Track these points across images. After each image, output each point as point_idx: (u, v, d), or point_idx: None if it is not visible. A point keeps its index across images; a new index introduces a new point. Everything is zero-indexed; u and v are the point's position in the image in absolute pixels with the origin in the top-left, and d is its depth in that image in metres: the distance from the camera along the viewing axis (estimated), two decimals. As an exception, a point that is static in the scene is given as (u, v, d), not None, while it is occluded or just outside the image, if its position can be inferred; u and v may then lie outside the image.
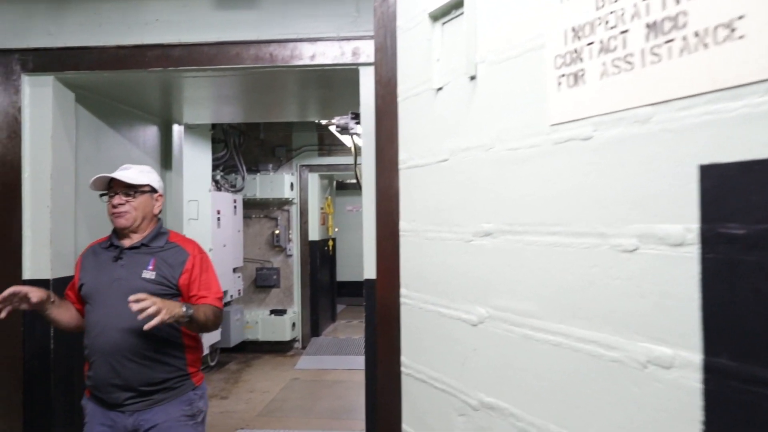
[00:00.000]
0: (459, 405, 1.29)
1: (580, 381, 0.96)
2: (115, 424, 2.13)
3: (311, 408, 5.08)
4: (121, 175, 2.19)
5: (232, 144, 6.58)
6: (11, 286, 1.99)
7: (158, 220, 2.29)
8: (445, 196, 1.35)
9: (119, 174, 2.19)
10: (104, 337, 2.08)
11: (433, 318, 1.38)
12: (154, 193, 2.27)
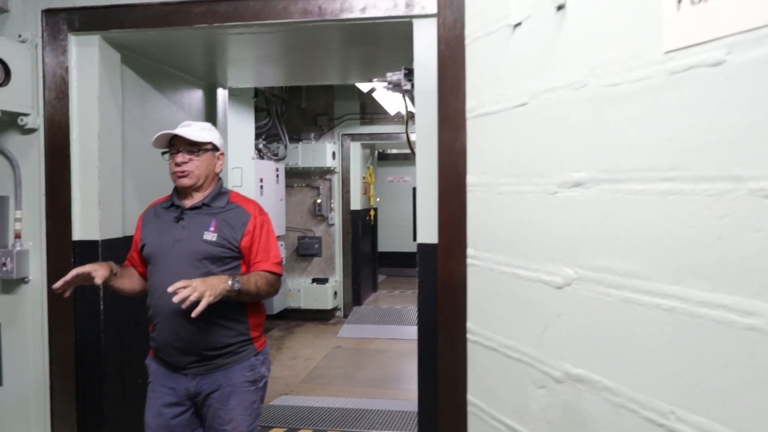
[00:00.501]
0: (538, 376, 1.17)
1: (701, 352, 0.82)
2: (177, 386, 2.10)
3: (354, 376, 5.06)
4: (185, 132, 2.10)
5: (275, 112, 6.51)
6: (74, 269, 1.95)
7: (219, 180, 2.21)
8: (523, 145, 1.21)
9: (183, 131, 2.10)
10: (166, 300, 2.02)
11: (507, 281, 1.25)
12: (215, 151, 2.18)
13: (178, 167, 2.09)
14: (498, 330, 1.29)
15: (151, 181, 2.92)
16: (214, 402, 2.08)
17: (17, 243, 2.47)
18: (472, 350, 1.39)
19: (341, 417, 3.96)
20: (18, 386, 2.51)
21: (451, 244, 1.47)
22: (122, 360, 2.64)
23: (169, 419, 2.10)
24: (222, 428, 2.09)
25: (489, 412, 1.32)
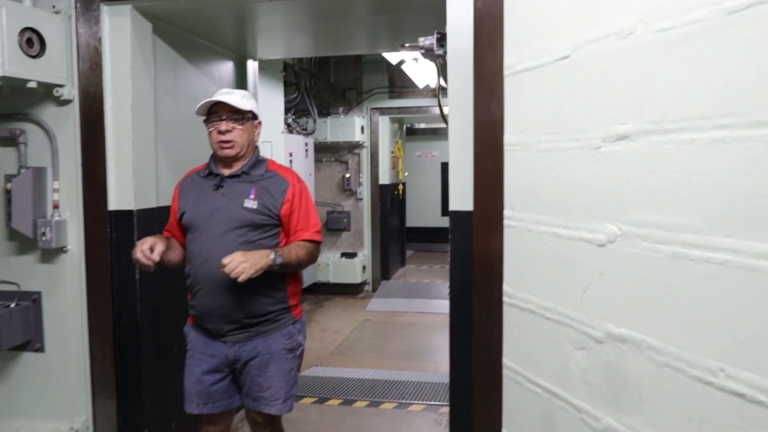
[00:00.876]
0: (578, 338, 1.14)
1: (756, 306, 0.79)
2: (217, 354, 2.13)
3: (383, 348, 5.09)
4: (229, 99, 2.09)
5: (304, 87, 6.48)
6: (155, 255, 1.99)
7: (256, 148, 2.22)
8: (563, 100, 1.17)
9: (227, 98, 2.09)
10: (207, 267, 2.05)
11: (546, 240, 1.22)
12: (255, 119, 2.18)
13: (222, 136, 2.08)
14: (536, 292, 1.27)
15: (183, 151, 2.94)
16: (253, 369, 2.11)
17: (55, 213, 2.51)
18: (509, 313, 1.37)
19: (370, 388, 4.00)
20: (60, 353, 2.58)
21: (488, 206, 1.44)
22: (157, 328, 2.70)
23: (208, 386, 2.14)
24: (260, 395, 2.12)
25: (525, 375, 1.30)
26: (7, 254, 2.58)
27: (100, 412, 2.56)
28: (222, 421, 2.23)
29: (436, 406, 3.66)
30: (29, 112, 2.52)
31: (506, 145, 1.36)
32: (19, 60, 2.26)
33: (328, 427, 3.38)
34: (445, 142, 9.62)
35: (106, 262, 2.51)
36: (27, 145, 2.53)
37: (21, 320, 2.52)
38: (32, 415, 2.60)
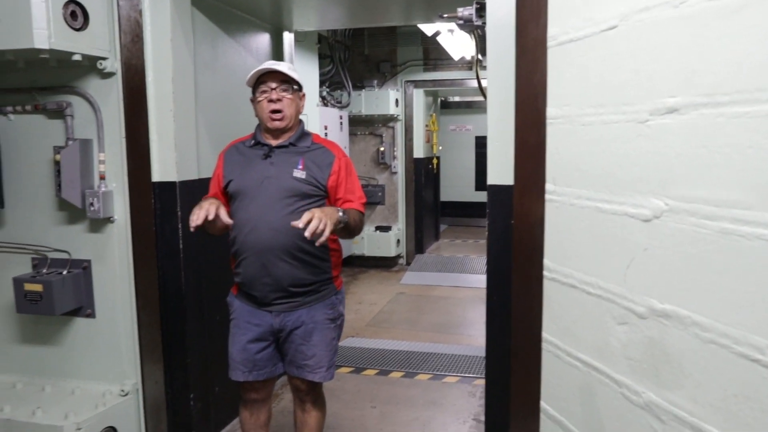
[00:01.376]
0: (619, 312, 1.14)
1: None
2: (262, 323, 2.19)
3: (417, 321, 5.14)
4: (281, 66, 2.12)
5: (338, 59, 6.46)
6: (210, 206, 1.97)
7: (301, 121, 2.24)
8: (610, 72, 1.14)
9: (279, 66, 2.12)
10: (256, 235, 2.10)
11: (589, 215, 1.21)
12: (300, 91, 2.21)
13: (273, 104, 2.11)
14: (577, 266, 1.26)
15: (221, 123, 2.99)
16: (297, 338, 2.17)
17: (102, 184, 2.59)
18: (549, 288, 1.36)
19: (405, 359, 4.06)
20: (109, 319, 2.69)
21: (529, 181, 1.43)
22: (201, 297, 2.78)
23: (253, 354, 2.20)
24: (304, 363, 2.18)
25: (565, 349, 1.31)
26: (58, 223, 2.69)
27: (148, 375, 2.67)
28: (265, 387, 2.31)
29: (470, 378, 3.70)
30: (75, 84, 2.59)
31: (549, 119, 1.34)
32: (64, 33, 2.31)
33: (364, 396, 3.45)
34: (479, 116, 9.56)
35: (151, 232, 2.59)
36: (73, 118, 2.60)
37: (73, 287, 2.63)
38: (86, 377, 2.74)
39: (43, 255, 2.71)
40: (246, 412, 2.35)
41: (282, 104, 2.13)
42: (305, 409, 2.34)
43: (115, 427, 2.59)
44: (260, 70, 2.14)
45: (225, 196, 2.26)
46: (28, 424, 2.43)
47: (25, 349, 2.82)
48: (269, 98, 2.13)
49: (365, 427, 3.08)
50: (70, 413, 2.45)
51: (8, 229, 2.76)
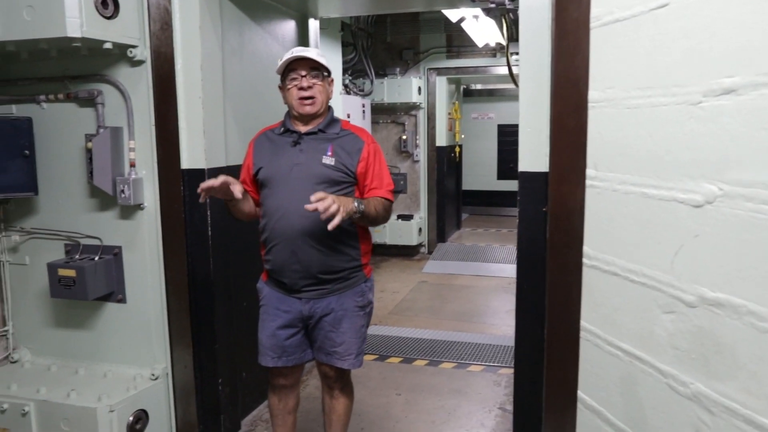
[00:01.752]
0: (666, 301, 1.11)
1: None
2: (291, 309, 2.19)
3: (440, 309, 5.13)
4: (311, 53, 2.10)
5: (361, 47, 6.42)
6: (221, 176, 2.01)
7: (330, 107, 2.23)
8: (659, 52, 1.10)
9: (308, 53, 2.11)
10: (286, 222, 2.10)
11: (634, 201, 1.18)
12: (329, 77, 2.20)
13: (304, 92, 2.10)
14: (620, 254, 1.23)
15: (249, 111, 2.99)
16: (326, 325, 2.17)
17: (132, 171, 2.61)
18: (589, 276, 1.34)
19: (429, 347, 4.05)
20: (140, 304, 2.73)
21: (568, 166, 1.40)
22: (228, 283, 2.80)
23: (282, 340, 2.21)
24: (333, 350, 2.18)
25: (605, 338, 1.28)
26: (90, 210, 2.72)
27: (177, 360, 2.70)
28: (293, 373, 2.32)
29: (494, 367, 3.68)
30: (105, 73, 2.61)
31: (591, 102, 1.30)
32: (96, 21, 2.32)
33: (389, 383, 3.46)
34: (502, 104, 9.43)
35: (180, 219, 2.61)
36: (104, 106, 2.62)
37: (104, 273, 2.66)
38: (117, 361, 2.78)
39: (76, 241, 2.75)
40: (275, 397, 2.37)
41: (312, 91, 2.12)
42: (333, 396, 2.35)
43: (145, 409, 2.62)
44: (289, 57, 2.13)
45: (255, 184, 2.26)
46: (64, 405, 2.48)
47: (59, 332, 2.87)
48: (299, 86, 2.12)
49: (391, 414, 3.09)
50: (103, 396, 2.49)
51: (42, 215, 2.80)
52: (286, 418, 2.39)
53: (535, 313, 2.22)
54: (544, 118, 2.09)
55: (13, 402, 2.54)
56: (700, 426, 1.02)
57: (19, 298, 2.92)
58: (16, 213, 2.85)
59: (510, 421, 2.89)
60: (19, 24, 2.28)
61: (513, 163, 11.08)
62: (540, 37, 2.05)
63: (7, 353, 2.94)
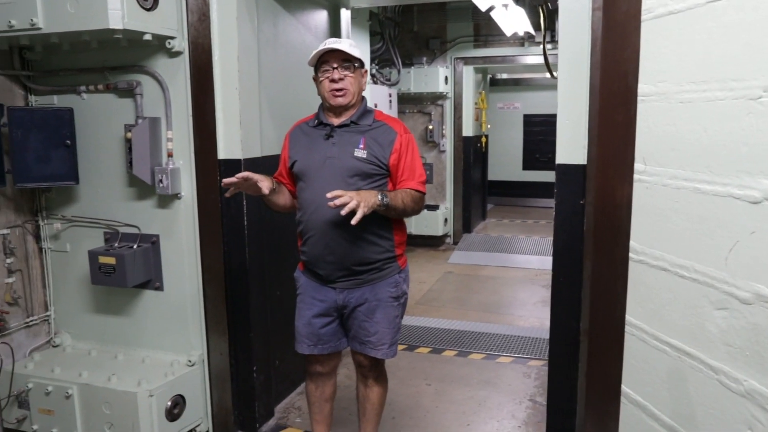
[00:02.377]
0: (718, 297, 1.10)
1: None
2: (326, 298, 2.23)
3: (467, 300, 5.13)
4: (343, 46, 2.11)
5: (388, 36, 6.39)
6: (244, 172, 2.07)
7: (363, 98, 2.24)
8: (716, 46, 1.09)
9: (339, 45, 2.11)
10: (319, 215, 2.13)
11: (685, 197, 1.17)
12: (362, 68, 2.20)
13: (335, 84, 2.11)
14: (669, 249, 1.22)
15: (283, 101, 3.01)
16: (360, 315, 2.20)
17: (170, 161, 2.66)
18: (635, 270, 1.33)
19: (457, 338, 4.07)
20: (176, 292, 2.78)
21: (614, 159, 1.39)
22: (263, 272, 2.84)
23: (317, 329, 2.25)
24: (367, 339, 2.21)
25: (652, 333, 1.28)
26: (129, 199, 2.78)
27: (213, 347, 2.76)
28: (329, 361, 2.36)
29: (524, 359, 3.68)
30: (144, 64, 2.65)
31: (640, 96, 1.29)
32: (136, 13, 2.36)
33: (418, 373, 3.49)
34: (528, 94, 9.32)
35: (217, 208, 2.65)
36: (143, 96, 2.66)
37: (143, 260, 2.72)
38: (155, 347, 2.85)
39: (115, 229, 2.81)
40: (312, 384, 2.41)
41: (344, 83, 2.12)
42: (368, 385, 2.38)
43: (183, 395, 2.69)
44: (322, 49, 2.14)
45: (291, 177, 2.28)
46: (105, 389, 2.56)
47: (98, 318, 2.95)
48: (331, 78, 2.13)
49: (421, 404, 3.11)
50: (142, 380, 2.56)
51: (82, 204, 2.87)
52: (323, 406, 2.43)
53: (570, 306, 2.22)
54: (583, 110, 2.08)
55: (57, 385, 2.63)
56: (754, 423, 1.02)
57: (60, 284, 3.00)
58: (57, 201, 2.92)
59: (541, 413, 2.90)
60: (63, 16, 2.33)
61: (539, 154, 11.00)
62: (580, 29, 2.04)
63: (49, 337, 3.03)
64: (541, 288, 5.39)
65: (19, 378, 2.70)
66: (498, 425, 2.89)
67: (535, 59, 6.81)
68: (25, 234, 2.91)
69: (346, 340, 2.30)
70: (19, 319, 2.88)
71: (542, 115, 10.03)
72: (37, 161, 2.65)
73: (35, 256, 2.97)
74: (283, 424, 2.95)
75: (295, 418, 3.00)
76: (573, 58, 2.07)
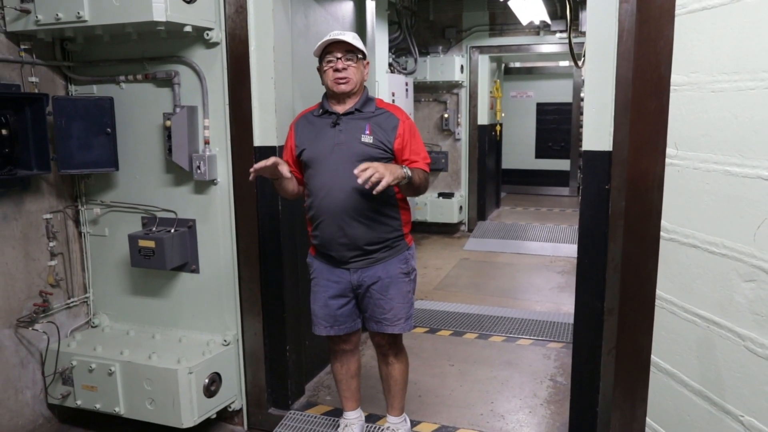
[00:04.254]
0: (747, 270, 1.20)
1: None
2: (341, 279, 2.35)
3: (484, 286, 5.24)
4: (347, 37, 2.23)
5: (405, 25, 6.45)
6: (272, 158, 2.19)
7: (365, 87, 2.35)
8: (748, 39, 1.17)
9: (344, 36, 2.23)
10: (331, 199, 2.24)
11: (716, 179, 1.26)
12: (364, 59, 2.32)
13: (338, 73, 2.22)
14: (700, 227, 1.32)
15: (313, 89, 3.09)
16: (375, 293, 2.32)
17: (207, 148, 2.77)
18: (666, 248, 1.43)
19: (477, 321, 4.18)
20: (212, 275, 2.90)
21: (646, 145, 1.48)
22: (295, 255, 2.95)
23: (334, 310, 2.37)
24: (383, 317, 2.33)
25: (682, 305, 1.38)
26: (166, 185, 2.90)
27: (248, 327, 2.88)
28: (351, 340, 2.49)
29: (543, 341, 3.79)
30: (182, 54, 2.75)
31: (673, 85, 1.38)
32: (178, 6, 2.46)
33: (441, 354, 3.60)
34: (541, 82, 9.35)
35: (252, 193, 2.76)
36: (180, 86, 2.77)
37: (180, 244, 2.84)
38: (191, 327, 2.98)
39: (152, 214, 2.93)
40: (337, 363, 2.53)
41: (347, 72, 2.24)
42: (389, 362, 2.50)
43: (219, 373, 2.81)
44: (326, 40, 2.24)
45: (297, 165, 2.39)
46: (146, 366, 2.68)
47: (135, 300, 3.08)
48: (335, 67, 2.24)
49: (446, 383, 3.23)
50: (182, 358, 2.69)
51: (120, 189, 2.99)
52: (350, 383, 2.55)
53: (594, 286, 2.32)
54: (609, 99, 2.17)
55: (100, 362, 2.76)
56: (779, 384, 1.12)
57: (98, 267, 3.13)
58: (95, 187, 3.04)
59: (562, 392, 3.02)
60: (109, 9, 2.43)
61: (551, 142, 11.03)
62: (607, 21, 2.12)
63: (87, 318, 3.16)
64: (556, 274, 5.49)
65: (63, 356, 2.84)
66: (521, 403, 3.00)
67: (551, 48, 6.86)
68: (66, 219, 3.03)
69: (361, 321, 2.42)
70: (60, 301, 3.01)
71: (555, 103, 10.08)
72: (79, 148, 2.76)
73: (75, 240, 3.10)
74: (313, 402, 3.07)
75: (325, 396, 3.12)
76: (600, 50, 2.15)
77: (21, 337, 2.80)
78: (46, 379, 2.88)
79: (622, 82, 1.98)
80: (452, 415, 2.90)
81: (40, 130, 2.65)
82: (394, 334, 2.39)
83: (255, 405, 2.96)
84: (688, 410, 1.37)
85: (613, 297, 2.14)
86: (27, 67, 2.72)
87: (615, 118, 2.12)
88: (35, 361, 2.87)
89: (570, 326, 3.91)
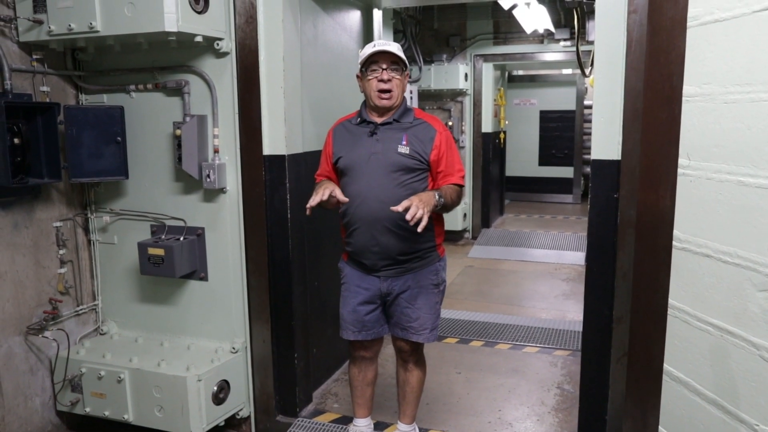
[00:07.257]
0: (760, 280, 1.20)
1: None
2: (371, 287, 2.36)
3: (489, 293, 5.24)
4: (393, 48, 2.23)
5: (410, 34, 6.50)
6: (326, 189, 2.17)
7: (404, 97, 2.36)
8: (761, 51, 1.19)
9: (390, 48, 2.24)
10: (365, 208, 2.25)
11: (729, 188, 1.27)
12: (406, 70, 2.33)
13: (384, 84, 2.22)
14: (713, 237, 1.33)
15: (322, 99, 3.13)
16: (403, 301, 2.32)
17: (216, 157, 2.79)
18: (678, 257, 1.43)
19: (483, 329, 4.18)
20: (220, 282, 2.91)
21: (657, 156, 1.50)
22: (304, 264, 2.97)
23: (362, 316, 2.38)
24: (409, 325, 2.34)
25: (695, 314, 1.38)
26: (175, 193, 2.91)
27: (256, 335, 2.89)
28: (373, 346, 2.49)
29: (549, 349, 3.79)
30: (192, 64, 2.77)
31: (685, 97, 1.39)
32: (189, 16, 2.48)
33: (448, 362, 3.60)
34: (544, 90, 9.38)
35: (261, 202, 2.78)
36: (190, 95, 2.79)
37: (189, 252, 2.85)
38: (199, 335, 2.98)
39: (161, 222, 2.95)
40: (355, 369, 2.53)
41: (392, 84, 2.24)
42: (408, 369, 2.51)
43: (227, 380, 2.82)
44: (374, 50, 2.25)
45: (334, 172, 2.40)
46: (155, 373, 2.69)
47: (143, 307, 3.09)
48: (380, 78, 2.24)
49: (453, 391, 3.23)
50: (191, 366, 2.69)
51: (129, 198, 3.01)
52: (365, 390, 2.56)
53: (603, 294, 2.33)
54: (617, 108, 2.18)
55: (110, 369, 2.77)
56: (794, 393, 1.12)
57: (107, 274, 3.14)
58: (105, 195, 3.06)
59: (569, 400, 3.02)
60: (121, 20, 2.46)
61: (555, 149, 11.01)
62: (616, 32, 2.14)
63: (96, 326, 3.17)
64: (561, 282, 5.49)
65: (72, 363, 2.85)
66: (529, 411, 3.00)
67: (555, 56, 6.89)
68: (76, 227, 3.05)
69: (387, 327, 2.43)
70: (69, 308, 3.02)
71: (558, 111, 10.10)
72: (89, 157, 2.78)
73: (84, 247, 3.11)
74: (321, 409, 3.08)
75: (332, 404, 3.13)
76: (608, 59, 2.17)
77: (31, 345, 2.81)
78: (56, 386, 2.89)
79: (631, 91, 2.00)
80: (460, 423, 2.90)
81: (52, 139, 2.67)
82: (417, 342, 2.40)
83: (263, 412, 2.96)
84: (702, 419, 1.37)
85: (621, 305, 2.15)
86: (39, 76, 2.74)
87: (624, 128, 2.13)
88: (44, 368, 2.88)
89: (576, 334, 3.92)
